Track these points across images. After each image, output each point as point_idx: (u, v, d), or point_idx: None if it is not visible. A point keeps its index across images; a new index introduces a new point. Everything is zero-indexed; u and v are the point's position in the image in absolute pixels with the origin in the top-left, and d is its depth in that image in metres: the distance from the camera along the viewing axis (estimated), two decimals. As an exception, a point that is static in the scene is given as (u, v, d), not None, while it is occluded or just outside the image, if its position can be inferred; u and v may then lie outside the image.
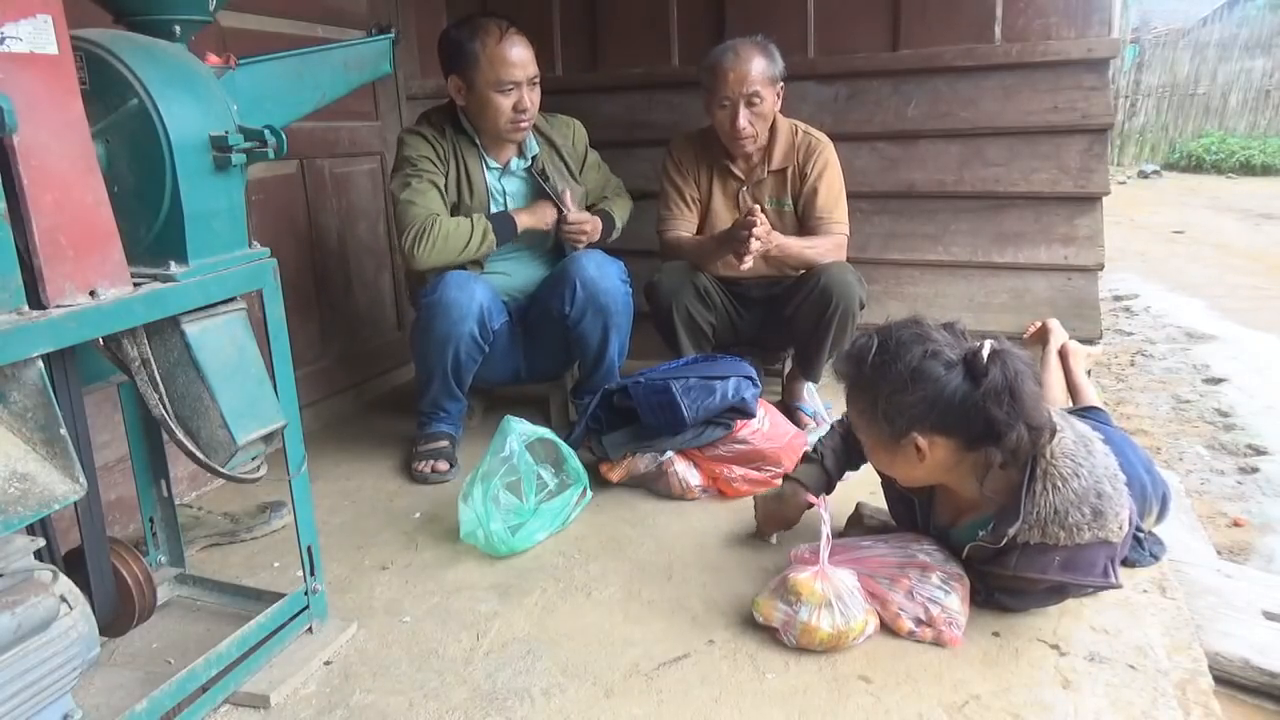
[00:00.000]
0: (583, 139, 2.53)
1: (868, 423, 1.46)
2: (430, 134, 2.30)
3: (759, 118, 2.34)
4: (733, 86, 2.30)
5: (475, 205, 2.31)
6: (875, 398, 1.41)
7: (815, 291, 2.29)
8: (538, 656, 1.48)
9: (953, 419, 1.36)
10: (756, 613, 1.49)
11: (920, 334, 1.39)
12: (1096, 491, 1.36)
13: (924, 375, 1.35)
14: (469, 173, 2.31)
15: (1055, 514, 1.34)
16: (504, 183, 2.38)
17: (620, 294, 2.29)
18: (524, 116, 2.24)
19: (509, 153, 2.37)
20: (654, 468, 2.06)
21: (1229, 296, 4.61)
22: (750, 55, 2.30)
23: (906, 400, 1.37)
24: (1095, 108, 2.68)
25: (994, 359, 1.33)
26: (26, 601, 0.98)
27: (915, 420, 1.38)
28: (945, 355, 1.36)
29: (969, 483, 1.45)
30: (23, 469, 0.97)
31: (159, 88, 1.15)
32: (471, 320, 2.18)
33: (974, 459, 1.41)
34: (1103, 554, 1.37)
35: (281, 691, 1.39)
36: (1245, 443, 2.72)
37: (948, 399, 1.35)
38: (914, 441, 1.39)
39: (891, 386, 1.38)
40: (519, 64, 2.19)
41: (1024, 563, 1.40)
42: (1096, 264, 2.76)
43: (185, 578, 1.64)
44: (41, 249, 1.02)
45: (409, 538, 1.93)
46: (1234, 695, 1.47)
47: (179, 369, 1.22)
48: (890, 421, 1.40)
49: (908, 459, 1.43)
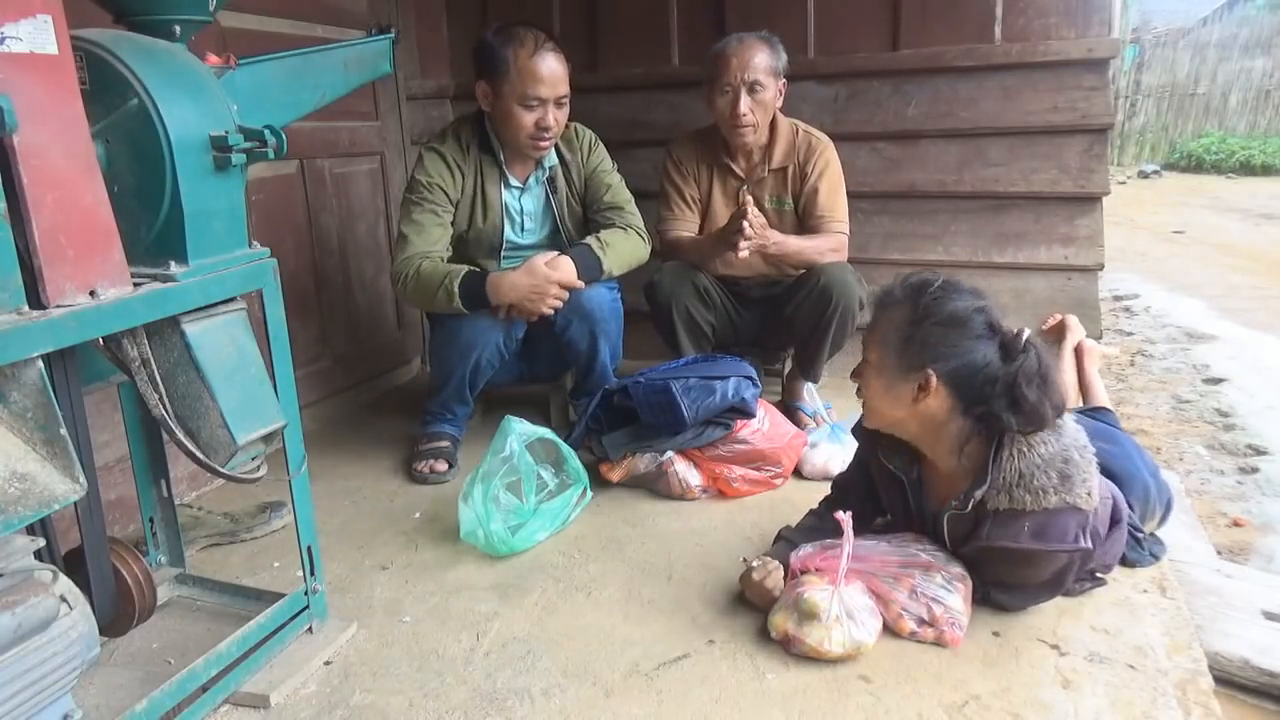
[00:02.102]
0: (592, 152, 2.41)
1: (889, 343, 1.48)
2: (451, 154, 2.24)
3: (760, 106, 2.34)
4: (735, 72, 2.30)
5: (488, 227, 2.29)
6: (914, 320, 1.45)
7: (815, 291, 2.29)
8: (538, 656, 1.48)
9: (967, 377, 1.41)
10: (771, 629, 1.48)
11: (975, 292, 1.46)
12: (1063, 458, 1.39)
13: (968, 326, 1.42)
14: (485, 192, 2.28)
15: (1020, 478, 1.38)
16: (522, 201, 2.34)
17: (605, 301, 2.27)
18: (545, 135, 2.18)
19: (529, 168, 2.32)
20: (654, 468, 2.06)
21: (1229, 296, 4.62)
22: (754, 45, 2.32)
23: (942, 336, 1.42)
24: (1095, 108, 2.68)
25: (1029, 345, 1.41)
26: (26, 601, 0.98)
27: (938, 359, 1.42)
28: (993, 321, 1.43)
29: (944, 449, 1.48)
30: (23, 469, 0.97)
31: (159, 88, 1.15)
32: (499, 330, 2.19)
33: (963, 423, 1.44)
34: (1073, 521, 1.37)
35: (281, 691, 1.39)
36: (1245, 443, 2.72)
37: (973, 358, 1.41)
38: (924, 378, 1.43)
39: (936, 318, 1.43)
40: (548, 81, 2.12)
41: (996, 531, 1.42)
42: (1096, 264, 2.76)
43: (185, 578, 1.64)
44: (41, 249, 1.02)
45: (409, 538, 1.93)
46: (1234, 695, 1.47)
47: (179, 369, 1.22)
48: (916, 348, 1.44)
49: (903, 393, 1.46)
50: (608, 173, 2.41)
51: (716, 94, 2.36)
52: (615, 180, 2.41)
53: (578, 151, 2.39)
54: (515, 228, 2.35)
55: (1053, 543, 1.38)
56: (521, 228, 2.35)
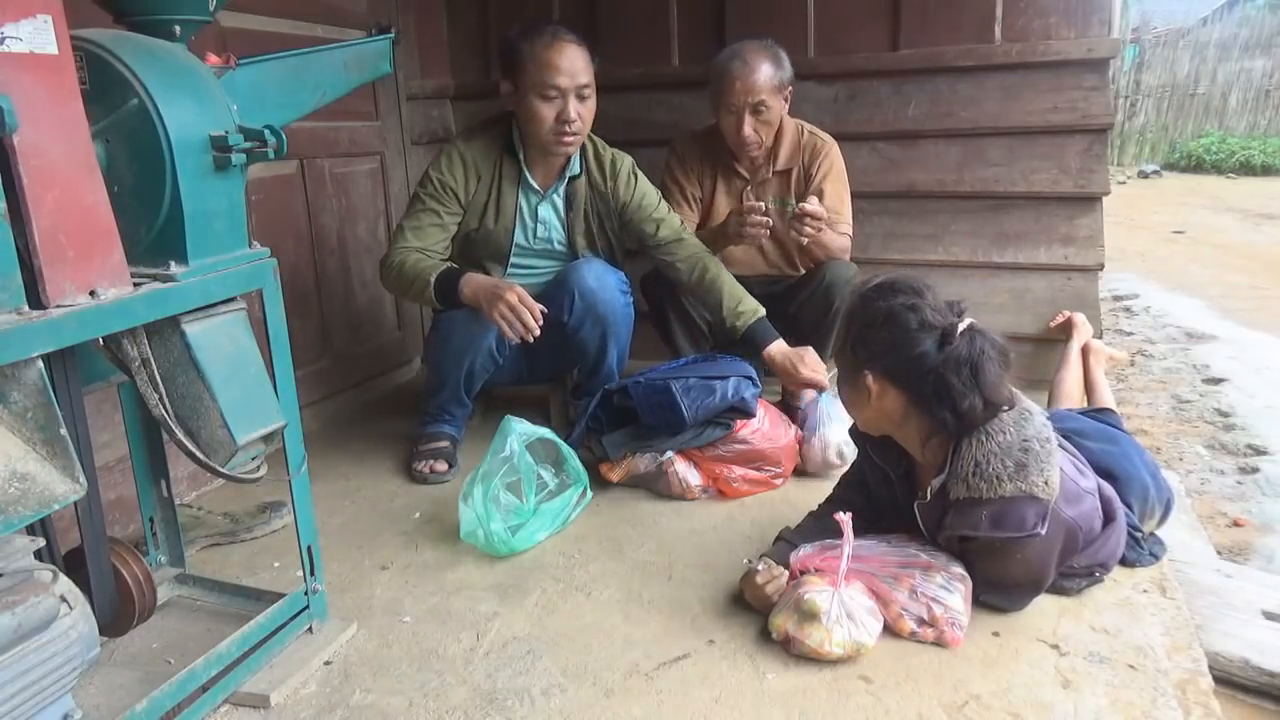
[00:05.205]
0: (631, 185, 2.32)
1: (838, 349, 1.56)
2: (472, 154, 2.21)
3: (764, 125, 2.34)
4: (739, 95, 2.28)
5: (499, 229, 2.26)
6: (851, 324, 1.52)
7: (818, 291, 2.30)
8: (538, 656, 1.48)
9: (905, 372, 1.44)
10: (772, 629, 1.48)
11: (915, 289, 1.46)
12: (1022, 447, 1.39)
13: (896, 322, 1.44)
14: (501, 193, 2.24)
15: (976, 466, 1.40)
16: (539, 209, 2.29)
17: (619, 304, 2.27)
18: (569, 129, 2.11)
19: (553, 175, 2.27)
20: (654, 468, 2.06)
21: (1229, 296, 4.61)
22: (758, 63, 2.28)
23: (871, 336, 1.47)
24: (1095, 108, 2.68)
25: (965, 334, 1.40)
26: (26, 601, 0.98)
27: (871, 358, 1.47)
28: (925, 315, 1.43)
29: (913, 444, 1.52)
30: (23, 469, 0.97)
31: (159, 88, 1.15)
32: (491, 334, 2.18)
33: (920, 419, 1.47)
34: (1031, 510, 1.38)
35: (281, 691, 1.39)
36: (1245, 443, 2.72)
37: (905, 352, 1.43)
38: (865, 379, 1.47)
39: (866, 320, 1.47)
40: (565, 70, 2.07)
41: (957, 520, 1.44)
42: (1096, 264, 2.76)
43: (185, 578, 1.64)
44: (41, 249, 1.01)
45: (409, 538, 1.93)
46: (1234, 695, 1.48)
47: (179, 369, 1.21)
48: (852, 352, 1.50)
49: (860, 396, 1.51)
50: (654, 207, 2.32)
51: (722, 111, 2.35)
52: (664, 211, 2.33)
53: (611, 179, 2.31)
54: (527, 234, 2.31)
55: (1010, 530, 1.39)
56: (534, 234, 2.32)
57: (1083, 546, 1.49)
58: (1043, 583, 1.51)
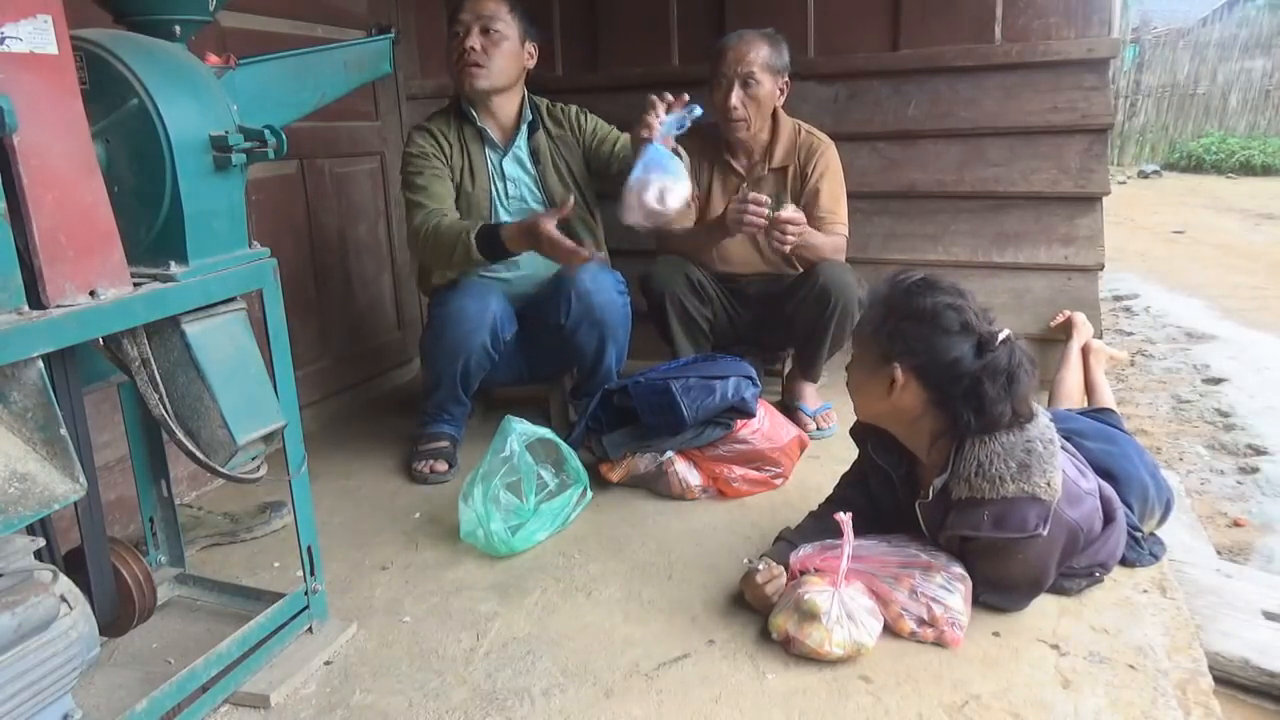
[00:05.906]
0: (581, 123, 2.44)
1: (866, 336, 1.53)
2: (436, 127, 2.31)
3: (753, 100, 2.35)
4: (730, 64, 2.32)
5: (477, 191, 2.32)
6: (888, 315, 1.48)
7: (814, 291, 2.29)
8: (538, 656, 1.48)
9: (937, 372, 1.43)
10: (772, 629, 1.48)
11: (957, 290, 1.47)
12: (1025, 448, 1.40)
13: (938, 322, 1.43)
14: (471, 156, 2.32)
15: (979, 466, 1.40)
16: (504, 165, 2.36)
17: (617, 306, 2.27)
18: (466, 58, 2.19)
19: (508, 130, 2.34)
20: (654, 468, 2.06)
21: (1229, 296, 4.61)
22: (754, 40, 2.33)
23: (911, 330, 1.44)
24: (1095, 108, 2.68)
25: (1005, 344, 1.42)
26: (26, 601, 0.98)
27: (905, 353, 1.45)
28: (968, 319, 1.43)
29: (920, 443, 1.51)
30: (23, 469, 0.97)
31: (159, 88, 1.15)
32: (484, 331, 2.18)
33: (935, 419, 1.46)
34: (1033, 511, 1.38)
35: (281, 691, 1.39)
36: (1245, 443, 2.72)
37: (943, 353, 1.42)
38: (893, 372, 1.45)
39: (907, 313, 1.45)
40: (469, 7, 2.19)
41: (959, 520, 1.44)
42: (1096, 264, 2.76)
43: (185, 578, 1.64)
44: (42, 249, 1.02)
45: (409, 538, 1.93)
46: (1234, 695, 1.48)
47: (179, 369, 1.22)
48: (886, 341, 1.47)
49: (878, 387, 1.49)
50: (607, 129, 2.45)
51: (714, 84, 2.38)
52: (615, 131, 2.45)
53: (566, 127, 2.42)
54: (502, 193, 2.37)
55: (1012, 531, 1.39)
56: (507, 194, 2.37)
57: (1083, 547, 1.49)
58: (1043, 583, 1.51)
